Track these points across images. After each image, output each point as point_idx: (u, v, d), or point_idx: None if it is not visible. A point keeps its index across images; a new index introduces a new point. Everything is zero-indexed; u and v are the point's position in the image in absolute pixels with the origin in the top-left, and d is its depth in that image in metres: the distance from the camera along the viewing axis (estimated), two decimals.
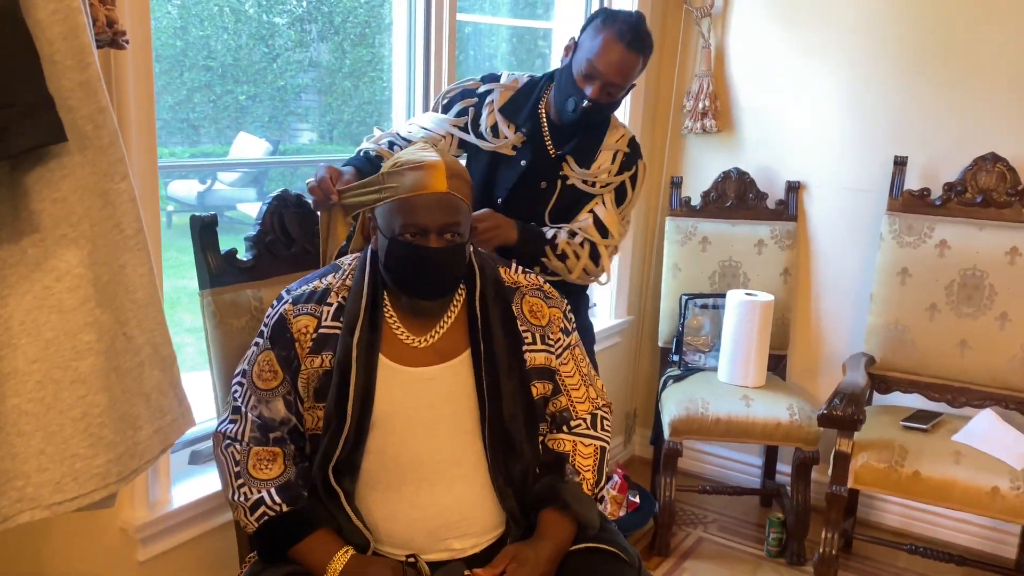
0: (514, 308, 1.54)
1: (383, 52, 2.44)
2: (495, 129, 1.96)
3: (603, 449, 1.59)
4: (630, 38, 1.82)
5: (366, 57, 2.44)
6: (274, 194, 1.80)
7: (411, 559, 1.40)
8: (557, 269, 1.91)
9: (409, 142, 1.94)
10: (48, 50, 0.91)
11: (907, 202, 2.63)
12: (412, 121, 2.04)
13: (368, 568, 1.38)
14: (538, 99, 1.97)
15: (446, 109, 2.00)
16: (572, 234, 1.93)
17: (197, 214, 1.66)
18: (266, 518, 1.41)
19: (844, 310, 2.91)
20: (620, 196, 1.99)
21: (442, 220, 1.41)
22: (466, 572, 1.39)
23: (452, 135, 1.99)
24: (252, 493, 1.42)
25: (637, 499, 2.75)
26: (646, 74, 3.04)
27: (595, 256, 1.95)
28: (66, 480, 0.98)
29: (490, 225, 1.84)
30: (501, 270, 1.58)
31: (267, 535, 1.43)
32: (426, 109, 2.29)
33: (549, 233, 1.92)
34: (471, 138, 1.97)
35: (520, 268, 1.61)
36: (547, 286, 1.62)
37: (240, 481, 1.43)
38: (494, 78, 2.01)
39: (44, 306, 0.95)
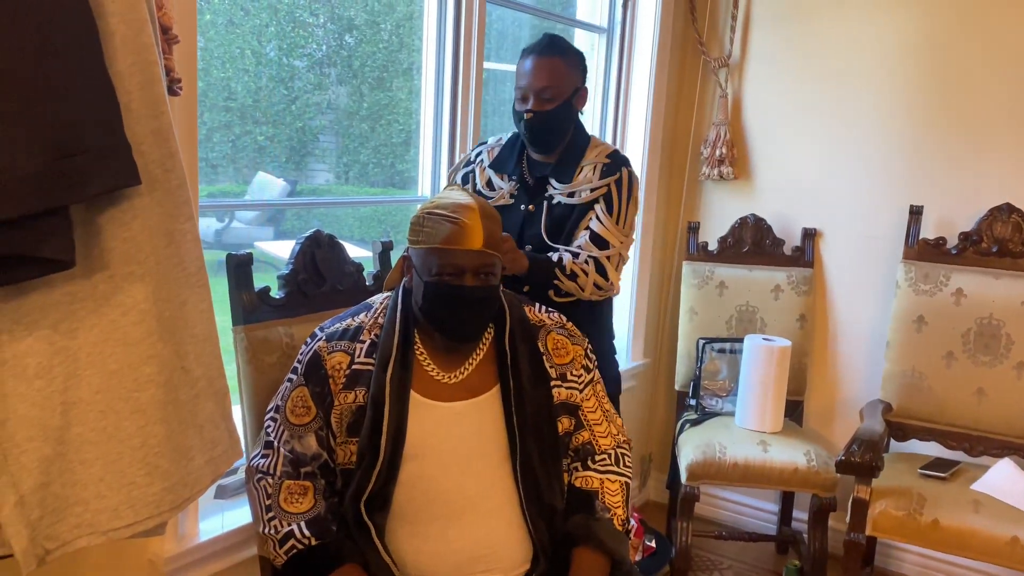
0: (539, 345, 1.58)
1: (399, 96, 2.51)
2: (490, 184, 2.10)
3: (628, 485, 1.62)
4: (539, 48, 1.97)
5: (383, 101, 2.50)
6: (307, 234, 1.85)
7: None
8: (570, 289, 1.96)
9: None
10: (126, 99, 0.97)
11: (923, 250, 2.67)
12: None
13: None
14: (522, 147, 2.10)
15: (462, 182, 2.16)
16: (575, 255, 1.97)
17: (233, 252, 1.71)
18: (295, 551, 1.43)
19: (860, 357, 2.94)
20: (610, 205, 2.01)
21: (477, 262, 1.46)
22: None
23: None
24: (282, 526, 1.44)
25: (653, 543, 2.75)
26: (664, 121, 3.13)
27: (602, 271, 1.98)
28: (123, 507, 1.01)
29: (511, 247, 1.88)
30: (527, 309, 1.62)
31: (295, 569, 1.45)
32: (451, 151, 2.37)
33: (555, 257, 1.97)
34: None
35: (544, 308, 1.66)
36: (570, 324, 1.66)
37: (271, 514, 1.46)
38: (483, 143, 2.18)
39: (110, 339, 1.00)
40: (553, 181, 2.03)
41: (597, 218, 1.99)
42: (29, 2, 0.86)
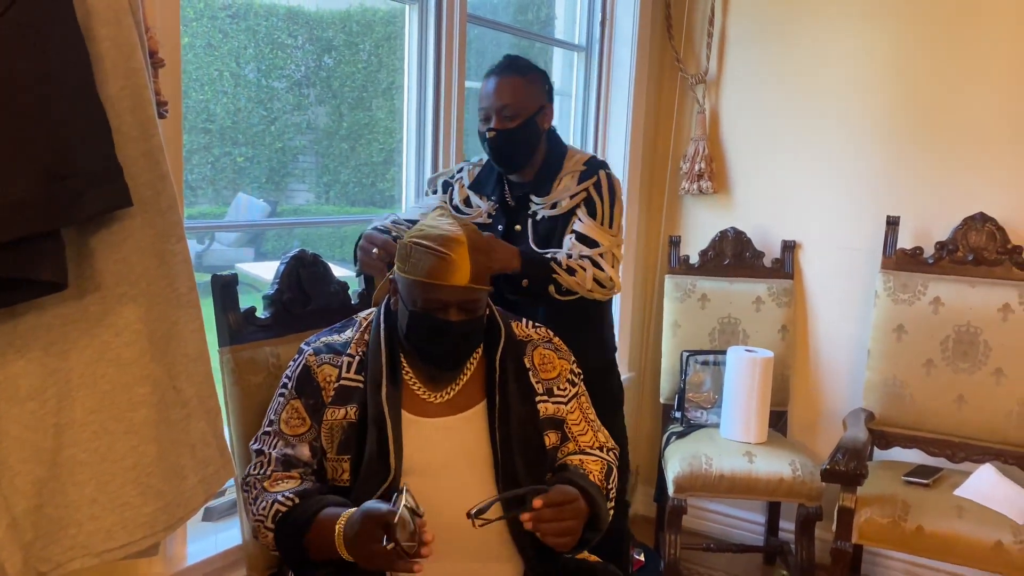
0: (526, 360, 1.59)
1: (379, 116, 2.53)
2: (467, 201, 2.11)
3: (611, 466, 1.61)
4: (500, 68, 1.99)
5: (363, 120, 2.52)
6: (292, 253, 1.85)
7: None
8: (570, 285, 1.90)
9: (411, 221, 2.02)
10: (117, 122, 0.98)
11: (900, 260, 2.72)
12: (412, 206, 2.19)
13: (361, 525, 1.32)
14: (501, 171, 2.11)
15: (436, 191, 2.18)
16: (568, 255, 1.94)
17: (218, 273, 1.71)
18: (279, 514, 1.41)
19: (842, 366, 2.97)
20: (591, 208, 1.99)
21: (462, 297, 1.45)
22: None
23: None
24: (267, 502, 1.43)
25: (642, 557, 2.76)
26: (643, 137, 3.17)
27: (598, 267, 1.94)
28: (116, 528, 1.01)
29: (498, 245, 1.86)
30: (513, 325, 1.63)
31: (285, 535, 1.41)
32: (434, 168, 2.39)
33: (549, 254, 1.94)
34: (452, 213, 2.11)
35: (531, 323, 1.67)
36: (556, 339, 1.67)
37: (259, 501, 1.45)
38: (467, 160, 2.20)
39: (103, 360, 1.00)
40: (534, 197, 2.03)
41: (579, 220, 1.98)
42: (22, 28, 0.87)
